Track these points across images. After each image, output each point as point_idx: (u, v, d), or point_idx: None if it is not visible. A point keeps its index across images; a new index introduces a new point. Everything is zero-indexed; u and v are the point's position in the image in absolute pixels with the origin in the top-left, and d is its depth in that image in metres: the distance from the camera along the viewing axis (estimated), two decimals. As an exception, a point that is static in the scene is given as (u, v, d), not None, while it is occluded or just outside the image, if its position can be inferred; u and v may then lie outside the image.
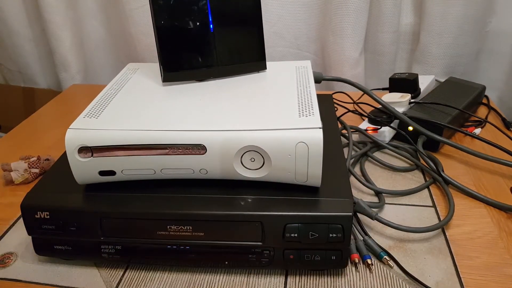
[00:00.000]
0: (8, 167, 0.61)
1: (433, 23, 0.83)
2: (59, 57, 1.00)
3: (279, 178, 0.43)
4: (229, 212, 0.42)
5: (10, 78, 1.14)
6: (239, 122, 0.42)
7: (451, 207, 0.53)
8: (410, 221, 0.52)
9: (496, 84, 0.88)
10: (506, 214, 0.53)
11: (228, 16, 0.52)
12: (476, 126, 0.71)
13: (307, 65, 0.57)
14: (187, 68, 0.52)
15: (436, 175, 0.59)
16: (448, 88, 0.76)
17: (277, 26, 0.90)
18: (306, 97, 0.47)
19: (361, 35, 0.87)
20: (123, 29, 0.98)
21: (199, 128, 0.41)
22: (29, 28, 1.03)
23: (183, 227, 0.42)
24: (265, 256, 0.43)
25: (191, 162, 0.42)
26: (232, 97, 0.48)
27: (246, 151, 0.41)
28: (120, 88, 0.51)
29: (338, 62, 0.89)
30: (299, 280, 0.45)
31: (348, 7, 0.82)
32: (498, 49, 0.87)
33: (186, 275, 0.46)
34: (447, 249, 0.48)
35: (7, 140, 0.75)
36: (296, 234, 0.41)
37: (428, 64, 0.87)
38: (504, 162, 0.59)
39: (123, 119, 0.44)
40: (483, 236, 0.50)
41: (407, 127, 0.65)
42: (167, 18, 0.49)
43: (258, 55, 0.55)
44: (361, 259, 0.46)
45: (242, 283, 0.45)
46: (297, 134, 0.40)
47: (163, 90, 0.51)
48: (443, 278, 0.44)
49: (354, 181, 0.58)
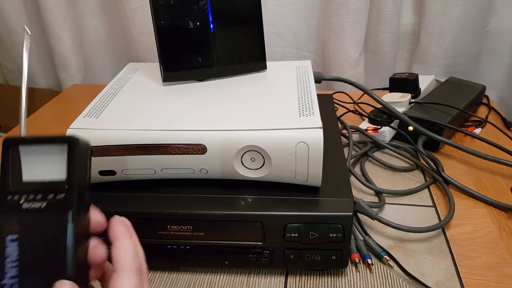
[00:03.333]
0: (8, 167, 0.61)
1: (433, 23, 0.83)
2: (59, 57, 1.00)
3: (279, 178, 0.42)
4: (229, 212, 0.42)
5: (10, 78, 1.14)
6: (239, 122, 0.42)
7: (451, 207, 0.53)
8: (410, 221, 0.52)
9: (496, 84, 0.88)
10: (506, 214, 0.53)
11: (228, 16, 0.52)
12: (476, 126, 0.71)
13: (307, 65, 0.57)
14: (187, 68, 0.52)
15: (436, 175, 0.59)
16: (448, 88, 0.76)
17: (277, 26, 0.90)
18: (307, 97, 0.47)
19: (361, 35, 0.87)
20: (123, 29, 0.98)
21: (199, 128, 0.41)
22: (29, 28, 1.03)
23: (183, 227, 0.42)
24: (265, 256, 0.43)
25: (191, 162, 0.42)
26: (232, 97, 0.48)
27: (246, 151, 0.41)
28: (120, 88, 0.51)
29: (338, 62, 0.89)
30: (299, 280, 0.45)
31: (348, 7, 0.82)
32: (498, 49, 0.87)
33: (186, 275, 0.46)
34: (447, 249, 0.48)
35: (7, 140, 0.75)
36: (296, 234, 0.41)
37: (428, 64, 0.87)
38: (504, 162, 0.59)
39: (123, 119, 0.44)
40: (483, 236, 0.50)
41: (407, 127, 0.65)
42: (167, 18, 0.49)
43: (258, 55, 0.55)
44: (361, 259, 0.46)
45: (242, 283, 0.45)
46: (298, 134, 0.40)
47: (163, 90, 0.51)
48: (443, 278, 0.44)
49: (354, 181, 0.58)
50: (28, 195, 0.29)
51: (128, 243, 0.29)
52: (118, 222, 0.31)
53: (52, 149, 0.29)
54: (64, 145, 0.29)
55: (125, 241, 0.29)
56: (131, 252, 0.29)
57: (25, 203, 0.28)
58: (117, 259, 0.28)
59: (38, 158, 0.30)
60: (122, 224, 0.30)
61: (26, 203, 0.28)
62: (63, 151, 0.29)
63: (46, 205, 0.28)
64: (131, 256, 0.29)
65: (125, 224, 0.31)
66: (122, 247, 0.29)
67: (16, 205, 0.28)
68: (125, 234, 0.30)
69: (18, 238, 0.28)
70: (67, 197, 0.28)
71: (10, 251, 0.27)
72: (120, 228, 0.30)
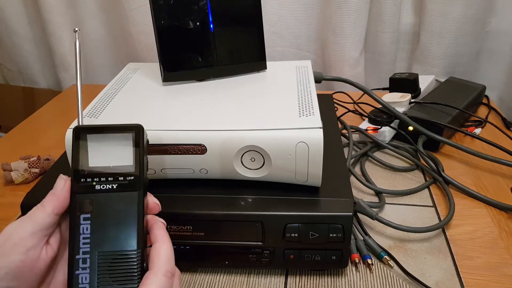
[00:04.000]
0: (8, 167, 0.61)
1: (433, 23, 0.83)
2: (59, 57, 1.00)
3: (280, 178, 0.42)
4: (229, 212, 0.42)
5: (10, 78, 1.14)
6: (239, 122, 0.42)
7: (451, 207, 0.53)
8: (410, 221, 0.52)
9: (496, 84, 0.88)
10: (506, 214, 0.53)
11: (228, 16, 0.52)
12: (476, 126, 0.71)
13: (307, 65, 0.57)
14: (187, 68, 0.52)
15: (436, 175, 0.59)
16: (448, 88, 0.76)
17: (277, 26, 0.90)
18: (307, 97, 0.47)
19: (361, 35, 0.87)
20: (123, 29, 0.98)
21: (199, 128, 0.41)
22: (29, 28, 1.03)
23: (183, 227, 0.42)
24: (265, 256, 0.43)
25: (191, 162, 0.42)
26: (232, 97, 0.48)
27: (246, 151, 0.41)
28: (120, 88, 0.51)
29: (338, 62, 0.89)
30: (299, 280, 0.45)
31: (348, 7, 0.82)
32: (498, 49, 0.87)
33: (186, 275, 0.46)
34: (447, 249, 0.48)
35: (7, 140, 0.75)
36: (296, 234, 0.41)
37: (428, 64, 0.87)
38: (504, 162, 0.59)
39: (123, 119, 0.44)
40: (483, 236, 0.50)
41: (407, 127, 0.65)
42: (167, 18, 0.49)
43: (258, 55, 0.55)
44: (361, 259, 0.46)
45: (242, 283, 0.45)
46: (298, 134, 0.40)
47: (163, 90, 0.51)
48: (443, 278, 0.44)
49: (354, 181, 0.58)
50: (100, 178, 0.32)
51: (167, 248, 0.31)
52: (160, 225, 0.33)
53: (119, 137, 0.33)
54: (131, 133, 0.33)
55: (164, 245, 0.31)
56: (168, 255, 0.31)
57: (97, 184, 0.32)
58: (154, 259, 0.30)
59: (105, 145, 0.33)
60: (163, 228, 0.33)
61: (98, 185, 0.32)
62: (129, 139, 0.33)
63: (118, 186, 0.32)
64: (166, 258, 0.31)
65: (163, 228, 0.33)
66: (162, 249, 0.31)
67: (89, 185, 0.32)
68: (165, 238, 0.32)
69: (91, 216, 0.31)
70: (136, 180, 0.32)
71: (84, 227, 0.31)
72: (160, 231, 0.33)
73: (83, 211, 0.31)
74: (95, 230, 0.31)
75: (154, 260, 0.30)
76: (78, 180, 0.32)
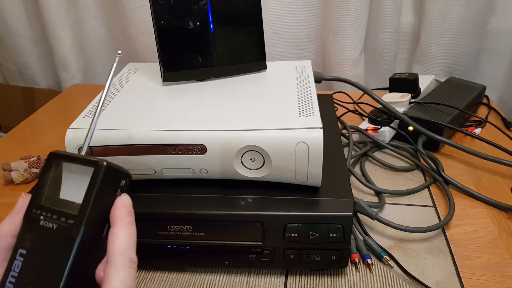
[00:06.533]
0: (8, 167, 0.61)
1: (433, 23, 0.83)
2: (59, 57, 1.00)
3: (279, 178, 0.42)
4: (229, 212, 0.42)
5: (10, 78, 1.14)
6: (239, 122, 0.42)
7: (451, 207, 0.53)
8: (410, 221, 0.52)
9: (496, 84, 0.88)
10: (506, 214, 0.53)
11: (228, 16, 0.52)
12: (476, 126, 0.71)
13: (307, 65, 0.57)
14: (187, 68, 0.52)
15: (436, 175, 0.59)
16: (448, 88, 0.76)
17: (277, 26, 0.90)
18: (306, 97, 0.47)
19: (361, 35, 0.87)
20: (123, 29, 0.98)
21: (199, 128, 0.41)
22: (29, 28, 1.03)
23: (183, 227, 0.42)
24: (265, 256, 0.43)
25: (191, 162, 0.42)
26: (232, 97, 0.48)
27: (246, 151, 0.41)
28: (120, 88, 0.51)
29: (338, 62, 0.89)
30: (299, 280, 0.45)
31: (348, 7, 0.82)
32: (498, 49, 0.87)
33: (186, 275, 0.46)
34: (447, 249, 0.48)
35: (7, 140, 0.75)
36: (296, 234, 0.41)
37: (428, 64, 0.87)
38: (504, 162, 0.59)
39: (123, 119, 0.44)
40: (483, 236, 0.50)
41: (407, 127, 0.65)
42: (167, 18, 0.49)
43: (258, 55, 0.55)
44: (361, 259, 0.46)
45: (242, 283, 0.45)
46: (298, 134, 0.40)
47: (163, 90, 0.51)
48: (443, 278, 0.44)
49: (354, 181, 0.58)
50: (47, 213, 0.28)
51: (124, 232, 0.28)
52: (121, 204, 0.29)
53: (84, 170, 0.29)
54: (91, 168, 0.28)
55: (121, 230, 0.28)
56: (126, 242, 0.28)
57: (43, 220, 0.28)
58: (110, 249, 0.27)
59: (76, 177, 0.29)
60: (124, 206, 0.29)
61: (43, 221, 0.28)
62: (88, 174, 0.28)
63: (57, 227, 0.28)
64: (124, 247, 0.27)
65: (126, 206, 0.29)
66: (117, 236, 0.28)
67: (36, 219, 0.28)
68: (124, 221, 0.28)
69: (26, 254, 0.28)
70: (74, 224, 0.27)
71: (16, 264, 0.27)
72: (120, 211, 0.29)
73: (22, 245, 0.28)
74: (24, 270, 0.27)
75: (110, 250, 0.27)
76: (31, 208, 0.29)
